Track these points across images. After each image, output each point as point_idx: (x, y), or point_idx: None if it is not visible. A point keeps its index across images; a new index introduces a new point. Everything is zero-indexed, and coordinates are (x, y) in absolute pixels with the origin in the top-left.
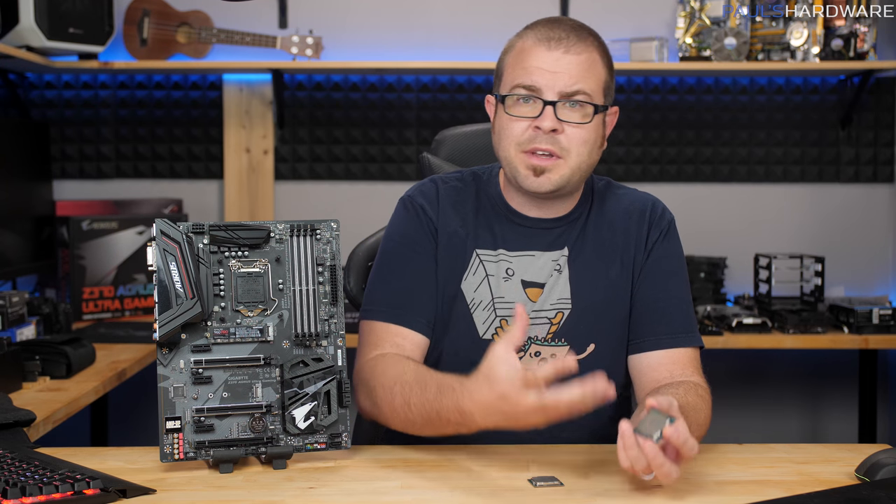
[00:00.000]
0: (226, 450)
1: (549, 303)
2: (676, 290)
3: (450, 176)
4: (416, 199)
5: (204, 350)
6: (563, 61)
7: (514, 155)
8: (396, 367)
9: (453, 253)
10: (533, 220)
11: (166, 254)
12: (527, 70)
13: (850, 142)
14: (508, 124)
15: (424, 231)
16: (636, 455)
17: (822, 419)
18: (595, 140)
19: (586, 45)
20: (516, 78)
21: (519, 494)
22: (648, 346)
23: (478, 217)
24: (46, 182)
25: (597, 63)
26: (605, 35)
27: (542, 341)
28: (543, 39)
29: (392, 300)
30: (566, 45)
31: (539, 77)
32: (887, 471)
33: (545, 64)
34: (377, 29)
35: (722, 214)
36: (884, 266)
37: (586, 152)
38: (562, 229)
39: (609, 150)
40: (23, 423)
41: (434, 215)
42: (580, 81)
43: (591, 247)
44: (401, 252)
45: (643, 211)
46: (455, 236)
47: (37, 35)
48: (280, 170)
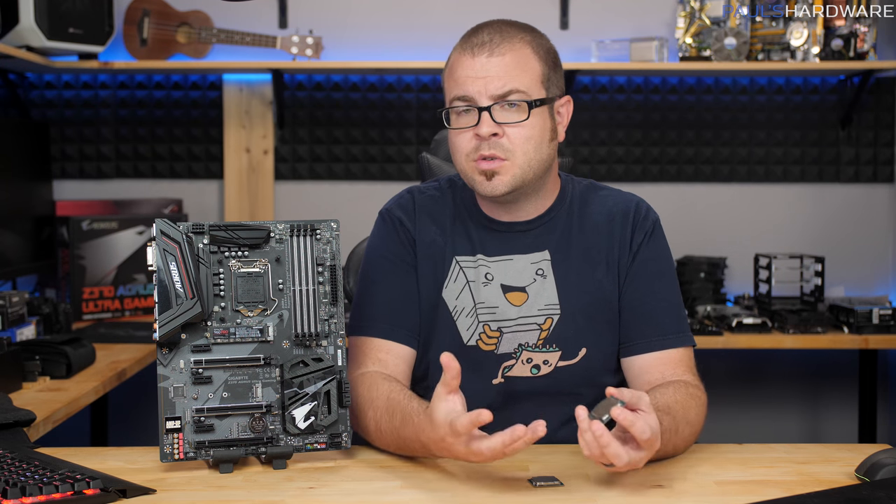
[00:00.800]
0: (226, 450)
1: (536, 308)
2: (664, 292)
3: (427, 186)
4: (394, 213)
5: (204, 350)
6: (489, 65)
7: (465, 165)
8: (371, 391)
9: (432, 262)
10: (506, 224)
11: (166, 254)
12: (457, 81)
13: (850, 142)
14: (455, 138)
15: (402, 243)
16: (590, 439)
17: (822, 419)
18: (541, 135)
19: (512, 44)
20: (451, 91)
21: (519, 494)
22: (639, 349)
23: (455, 224)
24: (46, 182)
25: (527, 58)
26: (605, 35)
27: (533, 347)
28: (468, 48)
29: (376, 314)
30: (489, 48)
31: (469, 85)
32: (887, 471)
33: (472, 71)
34: (377, 29)
35: (722, 214)
36: (884, 266)
37: (532, 149)
38: (537, 231)
39: (609, 150)
40: (23, 423)
41: (411, 227)
42: (510, 81)
43: (576, 250)
44: (381, 266)
45: (626, 212)
46: (433, 245)
47: (37, 35)
48: (280, 170)
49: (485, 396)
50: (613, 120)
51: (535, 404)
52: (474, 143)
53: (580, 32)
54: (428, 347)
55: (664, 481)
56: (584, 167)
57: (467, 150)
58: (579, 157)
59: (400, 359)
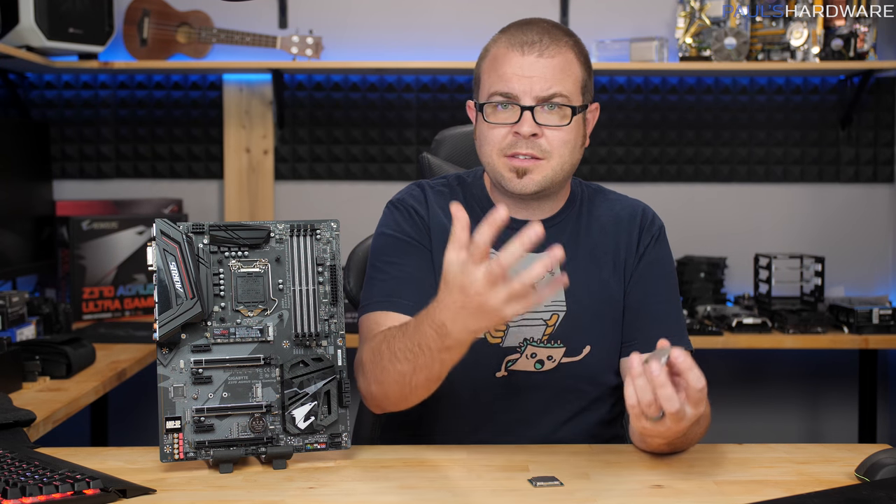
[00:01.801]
0: (226, 450)
1: (543, 304)
2: (667, 294)
3: (435, 181)
4: (406, 201)
5: (204, 350)
6: (537, 65)
7: (496, 160)
8: (382, 334)
9: (444, 252)
10: (520, 222)
11: (166, 254)
12: (502, 77)
13: (850, 142)
14: (489, 131)
15: (418, 228)
16: (643, 384)
17: (822, 419)
18: (576, 140)
19: (560, 47)
20: (493, 85)
21: (519, 494)
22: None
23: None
24: (46, 182)
25: (572, 63)
26: (605, 35)
27: (538, 343)
28: (517, 44)
29: (387, 289)
30: (539, 49)
31: (515, 83)
32: (887, 471)
33: (520, 69)
34: (377, 29)
35: (722, 214)
36: (884, 266)
37: (568, 153)
38: (550, 231)
39: (609, 150)
40: (23, 423)
41: (426, 215)
42: (556, 84)
43: (584, 251)
44: (394, 244)
45: (634, 216)
46: (445, 237)
47: (37, 35)
48: (280, 170)
49: (488, 389)
50: (613, 120)
51: (538, 399)
52: (510, 140)
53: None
54: None
55: (664, 481)
56: (585, 167)
57: (501, 145)
58: None
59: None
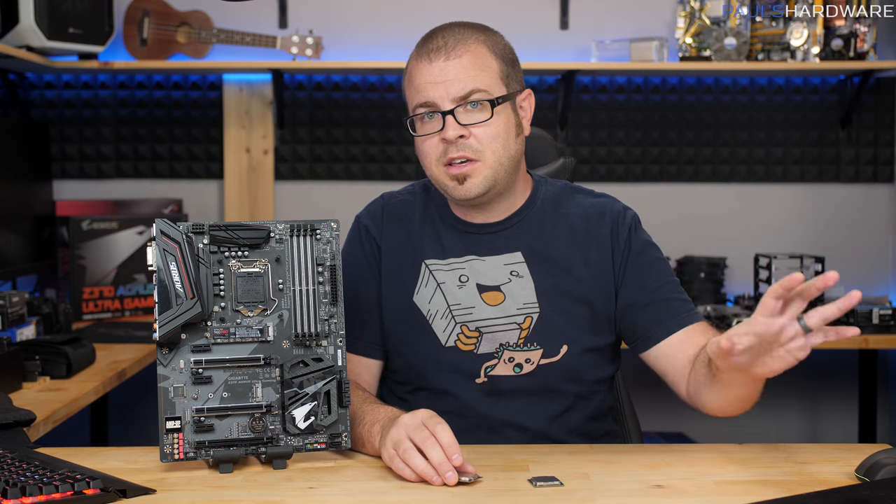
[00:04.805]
0: (226, 450)
1: (515, 307)
2: (664, 275)
3: (401, 191)
4: (363, 220)
5: (204, 350)
6: (447, 68)
7: (436, 171)
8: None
9: (400, 266)
10: (477, 225)
11: (166, 254)
12: (418, 89)
13: (850, 142)
14: (422, 145)
15: (365, 253)
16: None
17: (822, 419)
18: (507, 132)
19: (468, 45)
20: (413, 99)
21: (519, 494)
22: (664, 332)
23: (424, 228)
24: (46, 182)
25: (483, 56)
26: (605, 35)
27: (514, 347)
28: (424, 54)
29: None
30: (445, 52)
31: (430, 91)
32: (887, 471)
33: (431, 77)
34: (377, 29)
35: (722, 214)
36: (884, 266)
37: (501, 147)
38: (508, 232)
39: (609, 150)
40: (23, 423)
41: (377, 234)
42: (470, 81)
43: (552, 250)
44: (349, 273)
45: (602, 214)
46: (400, 251)
47: (37, 35)
48: (280, 170)
49: (471, 395)
50: (613, 120)
51: (522, 402)
52: (442, 148)
53: (580, 32)
54: (402, 349)
55: (664, 481)
56: (584, 167)
57: (436, 156)
58: (579, 157)
59: (369, 371)
